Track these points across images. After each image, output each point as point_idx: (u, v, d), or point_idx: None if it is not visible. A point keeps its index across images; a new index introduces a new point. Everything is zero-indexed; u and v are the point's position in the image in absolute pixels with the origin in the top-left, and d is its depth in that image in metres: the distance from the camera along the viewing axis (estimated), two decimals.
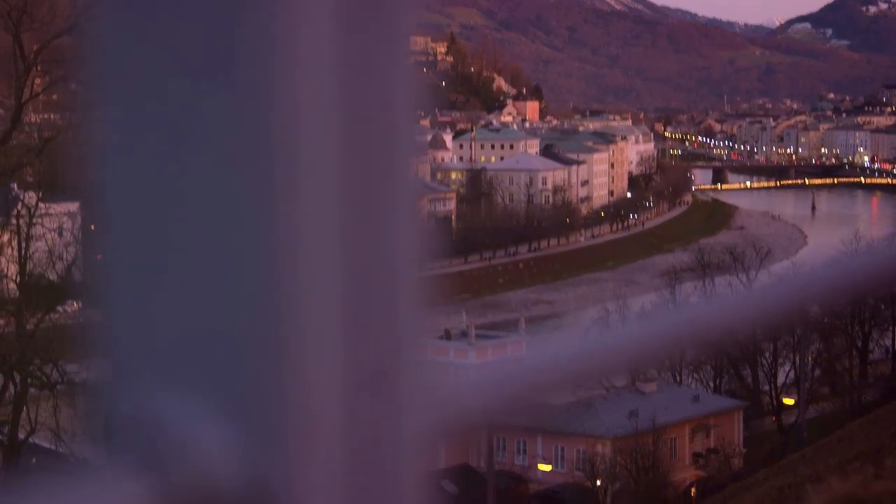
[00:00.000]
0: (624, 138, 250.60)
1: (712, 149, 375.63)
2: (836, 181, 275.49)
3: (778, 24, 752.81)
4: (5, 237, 37.44)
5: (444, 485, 54.56)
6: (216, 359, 0.97)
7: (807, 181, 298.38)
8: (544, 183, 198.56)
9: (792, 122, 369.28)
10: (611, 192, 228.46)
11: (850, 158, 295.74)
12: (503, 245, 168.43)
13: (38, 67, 34.04)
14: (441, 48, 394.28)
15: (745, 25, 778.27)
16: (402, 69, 1.01)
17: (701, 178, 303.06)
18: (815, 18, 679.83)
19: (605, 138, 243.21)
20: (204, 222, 0.96)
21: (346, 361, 0.99)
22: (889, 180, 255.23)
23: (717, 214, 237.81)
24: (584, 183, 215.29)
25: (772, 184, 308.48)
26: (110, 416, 0.98)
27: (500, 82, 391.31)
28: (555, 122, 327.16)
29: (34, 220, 37.63)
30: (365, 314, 1.00)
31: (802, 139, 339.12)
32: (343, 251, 0.97)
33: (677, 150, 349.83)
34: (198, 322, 0.98)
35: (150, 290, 0.99)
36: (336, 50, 0.95)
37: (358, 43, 0.97)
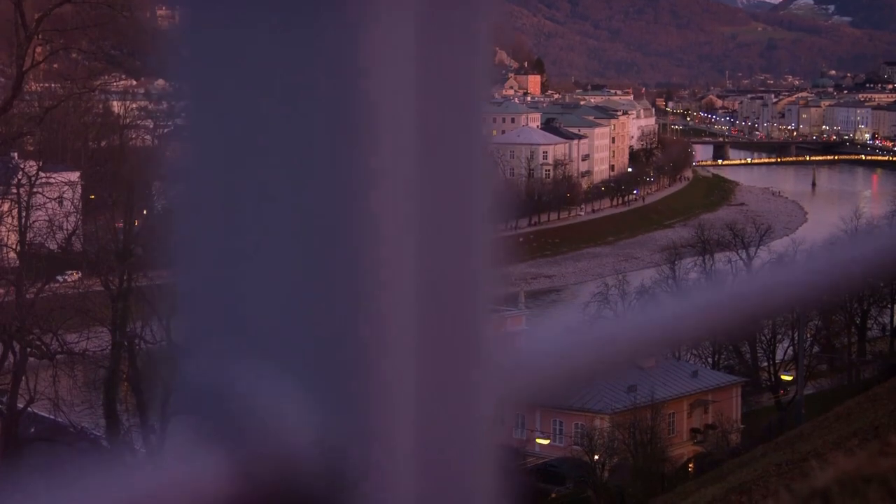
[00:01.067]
0: (625, 113, 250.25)
1: (713, 124, 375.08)
2: (836, 158, 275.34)
3: None
4: (5, 206, 37.36)
5: None
6: (294, 329, 0.96)
7: (808, 158, 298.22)
8: (545, 157, 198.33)
9: (793, 98, 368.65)
10: (611, 167, 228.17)
11: (851, 135, 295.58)
12: (504, 219, 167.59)
13: (40, 36, 33.88)
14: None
15: (748, 1, 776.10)
16: (479, 58, 1.00)
17: (702, 154, 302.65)
18: None
19: (607, 113, 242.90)
20: (283, 194, 0.95)
21: (421, 332, 0.97)
22: (890, 157, 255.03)
23: (718, 190, 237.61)
24: (585, 157, 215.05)
25: (773, 160, 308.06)
26: (188, 386, 0.98)
27: (502, 55, 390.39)
28: (556, 96, 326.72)
29: (34, 190, 37.55)
30: (439, 285, 0.99)
31: (804, 115, 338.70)
32: (419, 225, 0.96)
33: (678, 126, 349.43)
34: (276, 292, 0.96)
35: (230, 261, 0.98)
36: (414, 34, 0.94)
37: (436, 29, 0.96)
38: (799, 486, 3.04)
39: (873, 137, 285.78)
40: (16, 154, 68.88)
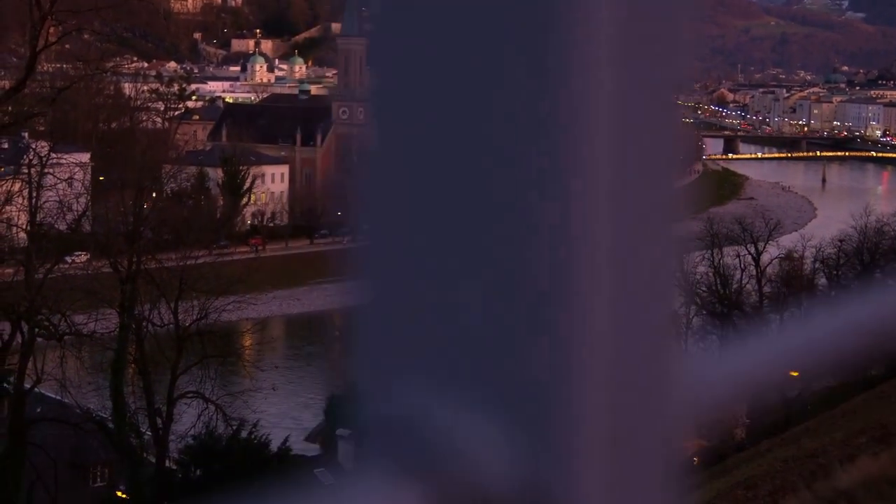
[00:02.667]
0: None
1: (724, 118, 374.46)
2: (847, 154, 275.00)
3: None
4: (16, 186, 37.39)
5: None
6: (484, 353, 0.91)
7: (818, 153, 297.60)
8: None
9: (805, 93, 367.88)
10: None
11: (863, 132, 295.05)
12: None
13: (53, 17, 33.86)
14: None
15: None
16: (680, 59, 0.97)
17: (712, 148, 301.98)
18: None
19: None
20: (470, 208, 0.91)
21: (615, 356, 0.94)
22: None
23: (727, 184, 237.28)
24: None
25: (783, 155, 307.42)
26: (372, 416, 0.93)
27: None
28: None
29: (45, 170, 37.56)
30: (630, 304, 0.95)
31: (815, 111, 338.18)
32: (612, 245, 0.92)
33: (689, 119, 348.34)
34: (464, 314, 0.92)
35: (413, 281, 0.93)
36: (617, 33, 0.92)
37: (639, 28, 0.94)
38: (822, 487, 3.00)
39: (885, 134, 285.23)
40: (26, 134, 68.98)
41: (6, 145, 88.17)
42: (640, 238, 0.96)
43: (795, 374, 1.19)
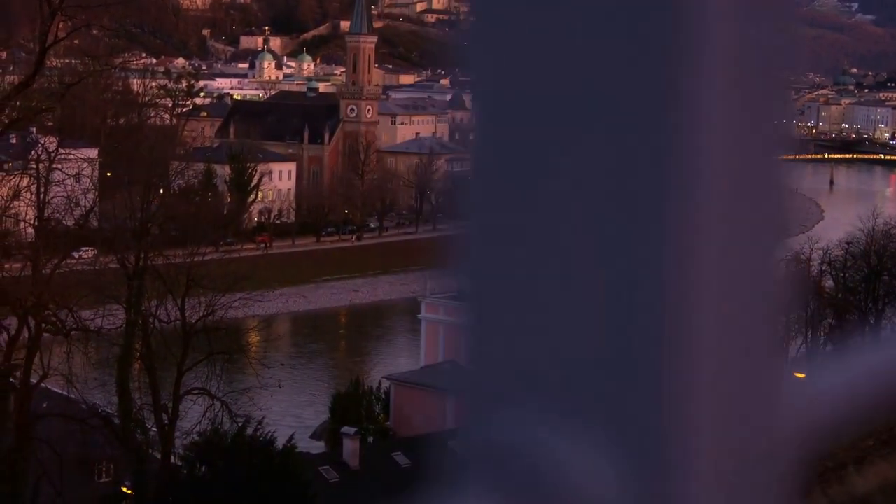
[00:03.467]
0: None
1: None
2: (855, 157, 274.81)
3: None
4: (24, 181, 37.38)
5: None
6: (597, 379, 0.88)
7: (826, 155, 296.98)
8: None
9: (813, 95, 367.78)
10: None
11: (871, 134, 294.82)
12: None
13: (62, 12, 33.86)
14: (464, 7, 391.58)
15: None
16: (793, 59, 0.96)
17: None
18: None
19: None
20: (585, 228, 0.87)
21: (728, 379, 0.91)
22: None
23: None
24: None
25: (790, 157, 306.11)
26: (479, 444, 0.89)
27: None
28: None
29: (53, 166, 37.55)
30: (745, 329, 0.92)
31: (823, 113, 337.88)
32: (727, 265, 0.89)
33: None
34: (576, 339, 0.89)
35: (526, 304, 0.89)
36: (738, 30, 0.90)
37: (756, 26, 0.92)
38: (836, 492, 2.97)
39: (893, 137, 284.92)
40: (34, 129, 69.00)
41: (14, 140, 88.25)
42: (750, 257, 0.93)
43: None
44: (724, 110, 0.90)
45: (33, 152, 42.27)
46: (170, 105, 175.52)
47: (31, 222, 37.28)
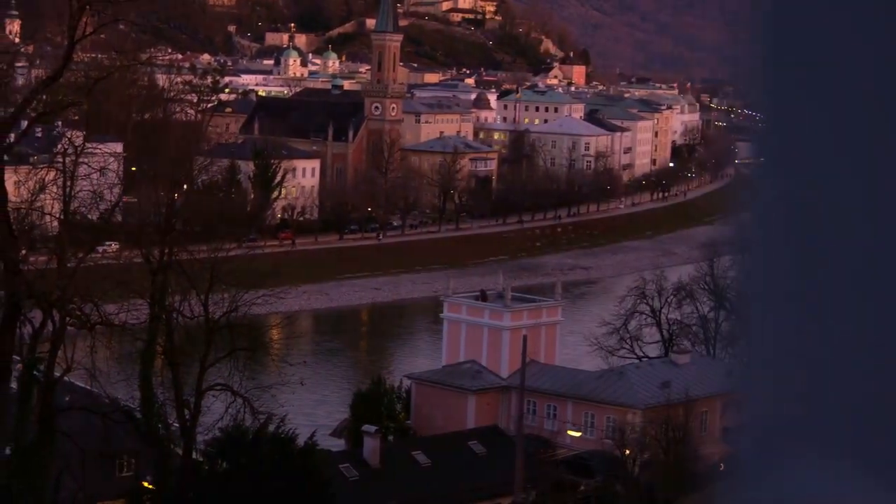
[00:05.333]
0: (669, 107, 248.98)
1: (758, 122, 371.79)
2: None
3: None
4: (50, 175, 37.44)
5: (472, 445, 54.58)
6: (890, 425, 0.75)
7: None
8: (587, 148, 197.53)
9: None
10: (653, 161, 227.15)
11: None
12: (542, 208, 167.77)
13: (90, 7, 33.91)
14: (490, 7, 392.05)
15: None
16: None
17: (745, 152, 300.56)
18: None
19: (651, 106, 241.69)
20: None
21: None
22: None
23: None
24: (627, 150, 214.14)
25: None
26: (756, 495, 0.78)
27: (548, 44, 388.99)
28: (600, 87, 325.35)
29: (79, 160, 37.60)
30: None
31: None
32: None
33: (722, 122, 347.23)
34: (871, 379, 0.77)
35: (815, 339, 0.78)
36: None
37: None
38: None
39: None
40: (60, 123, 69.15)
41: (40, 134, 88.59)
42: None
43: None
44: None
45: (59, 146, 42.34)
46: (195, 101, 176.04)
47: (57, 216, 37.32)
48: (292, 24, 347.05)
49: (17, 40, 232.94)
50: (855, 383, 0.72)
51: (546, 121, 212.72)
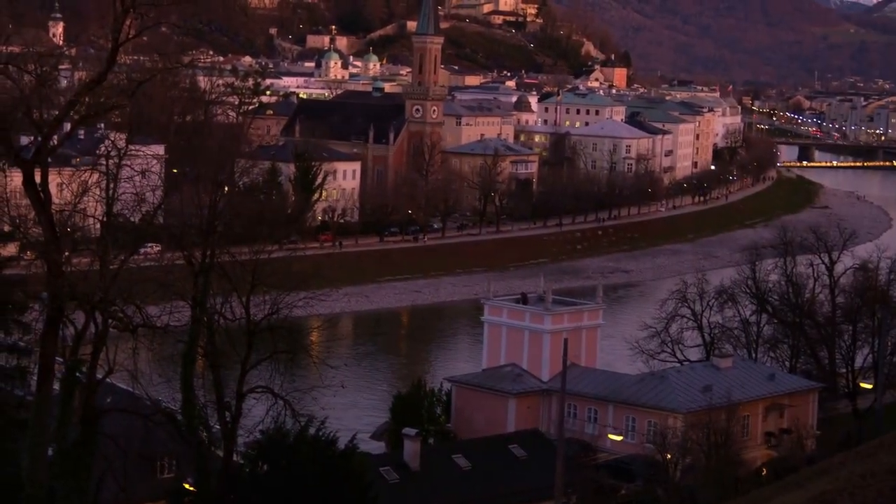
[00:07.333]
0: (711, 110, 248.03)
1: (800, 125, 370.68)
2: None
3: (875, 1, 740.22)
4: (93, 177, 37.56)
5: (512, 449, 54.43)
6: None
7: (894, 163, 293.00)
8: (628, 151, 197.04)
9: (883, 102, 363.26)
10: (694, 164, 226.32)
11: None
12: (583, 211, 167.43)
13: (134, 9, 34.00)
14: (531, 9, 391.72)
15: (841, 1, 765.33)
16: None
17: (786, 155, 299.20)
18: None
19: (692, 109, 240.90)
20: None
21: None
22: None
23: (801, 192, 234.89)
24: (668, 153, 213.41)
25: (858, 164, 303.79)
26: None
27: (589, 47, 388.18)
28: (642, 90, 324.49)
29: (122, 162, 37.69)
30: None
31: (893, 120, 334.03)
32: None
33: (764, 125, 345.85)
34: None
35: None
36: None
37: None
38: None
39: None
40: (102, 125, 69.46)
41: (83, 136, 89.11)
42: None
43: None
44: None
45: (102, 148, 42.47)
46: (236, 103, 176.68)
47: (100, 218, 37.43)
48: (333, 27, 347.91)
49: (60, 43, 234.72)
50: None
51: (587, 123, 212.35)
